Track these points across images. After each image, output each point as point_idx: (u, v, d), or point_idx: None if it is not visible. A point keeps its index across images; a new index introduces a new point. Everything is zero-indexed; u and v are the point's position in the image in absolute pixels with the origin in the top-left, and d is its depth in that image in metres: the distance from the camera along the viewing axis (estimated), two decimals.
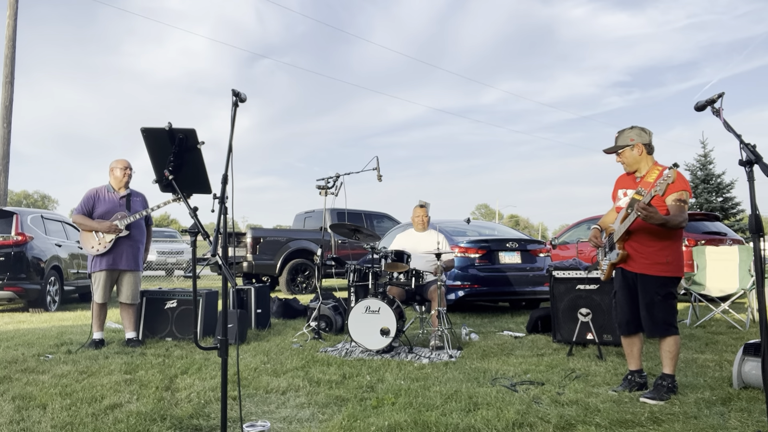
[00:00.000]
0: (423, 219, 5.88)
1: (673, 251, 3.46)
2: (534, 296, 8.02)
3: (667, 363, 3.46)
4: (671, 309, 3.47)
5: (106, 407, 3.18)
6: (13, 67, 13.04)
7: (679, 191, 3.35)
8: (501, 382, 3.78)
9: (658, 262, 3.44)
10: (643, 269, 3.49)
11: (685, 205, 3.37)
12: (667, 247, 3.44)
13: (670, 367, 3.45)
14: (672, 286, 3.48)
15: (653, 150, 3.54)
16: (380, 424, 2.89)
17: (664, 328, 3.45)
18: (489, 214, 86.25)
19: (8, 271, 7.79)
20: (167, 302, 5.60)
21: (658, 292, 3.44)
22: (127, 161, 5.36)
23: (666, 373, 3.45)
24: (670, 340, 3.45)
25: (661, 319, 3.45)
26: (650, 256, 3.45)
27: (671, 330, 3.45)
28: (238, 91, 2.62)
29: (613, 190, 3.78)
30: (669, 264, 3.44)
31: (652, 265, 3.45)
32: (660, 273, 3.44)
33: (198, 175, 2.76)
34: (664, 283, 3.45)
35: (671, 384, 3.42)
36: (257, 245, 10.81)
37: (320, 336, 5.61)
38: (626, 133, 3.56)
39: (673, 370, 3.45)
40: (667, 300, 3.45)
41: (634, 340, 3.65)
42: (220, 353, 2.47)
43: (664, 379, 3.43)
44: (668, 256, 3.43)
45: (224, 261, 2.44)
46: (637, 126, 3.56)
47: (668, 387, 3.40)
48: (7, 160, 12.89)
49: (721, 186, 22.05)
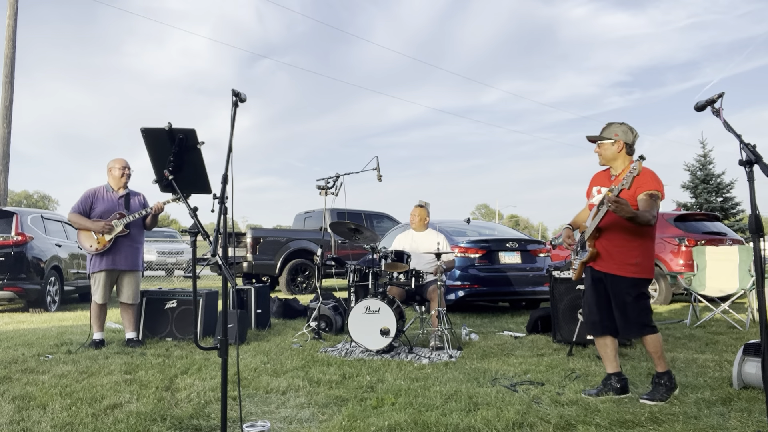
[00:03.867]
0: (420, 219, 5.87)
1: (643, 252, 3.37)
2: (534, 296, 8.02)
3: (656, 361, 3.40)
4: (644, 309, 3.39)
5: (106, 407, 3.18)
6: (13, 67, 13.04)
7: (650, 189, 3.28)
8: (501, 382, 3.78)
9: (628, 262, 3.36)
10: (611, 269, 3.41)
11: (654, 201, 3.28)
12: (638, 247, 3.35)
13: (660, 365, 3.39)
14: (643, 287, 3.40)
15: (633, 152, 3.48)
16: (380, 424, 2.89)
17: (638, 328, 3.39)
18: (489, 214, 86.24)
19: (8, 271, 7.79)
20: (167, 302, 5.59)
21: (629, 293, 3.37)
22: (125, 161, 5.35)
23: (659, 372, 3.39)
24: (648, 340, 3.38)
25: (634, 319, 3.38)
26: (619, 256, 3.38)
27: (646, 329, 3.37)
28: (238, 91, 2.62)
29: (588, 187, 3.71)
30: (638, 265, 3.35)
31: (621, 266, 3.38)
32: (629, 274, 3.36)
33: (198, 175, 2.76)
34: (635, 284, 3.37)
35: (668, 382, 3.35)
36: (257, 245, 10.81)
37: (320, 336, 5.61)
38: (613, 127, 3.47)
39: (665, 367, 3.39)
40: (639, 300, 3.37)
41: (605, 341, 3.54)
42: (220, 353, 2.47)
43: (659, 377, 3.37)
44: (638, 257, 3.35)
45: (224, 261, 2.44)
46: (626, 124, 3.48)
47: (666, 385, 3.34)
48: (7, 160, 12.90)
49: (721, 186, 22.03)
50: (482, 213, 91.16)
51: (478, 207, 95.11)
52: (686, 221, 9.42)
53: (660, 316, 7.29)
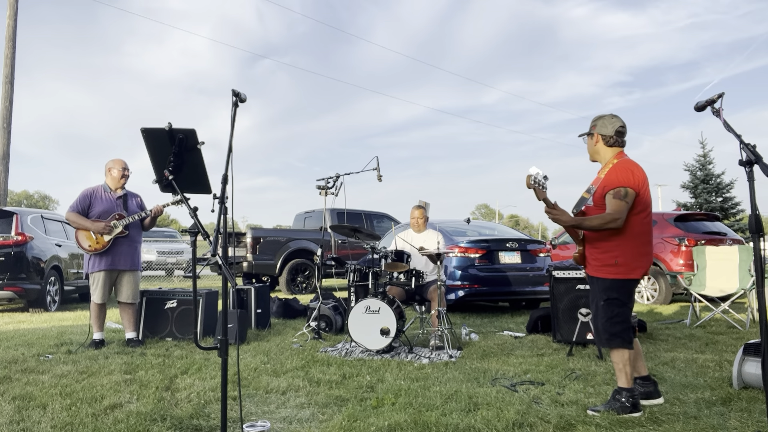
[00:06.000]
0: (419, 220, 5.88)
1: (623, 251, 3.08)
2: (534, 296, 8.02)
3: (617, 374, 3.13)
4: (615, 317, 3.09)
5: (106, 407, 3.18)
6: (13, 67, 13.04)
7: (614, 187, 3.05)
8: (501, 383, 3.78)
9: (606, 263, 3.12)
10: (592, 271, 3.22)
11: (618, 199, 3.02)
12: (616, 247, 3.09)
13: (621, 380, 3.09)
14: (617, 291, 3.10)
15: (617, 143, 3.21)
16: (380, 424, 2.88)
17: (604, 338, 3.12)
18: (489, 214, 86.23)
19: (8, 271, 7.79)
20: (167, 302, 5.59)
21: (600, 296, 3.14)
22: (125, 162, 5.35)
23: (620, 386, 3.09)
24: (613, 352, 3.12)
25: (601, 326, 3.13)
26: (598, 257, 3.17)
27: (613, 341, 3.08)
28: (238, 92, 2.62)
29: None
30: (617, 266, 3.09)
31: (600, 267, 3.16)
32: (606, 275, 3.12)
33: (198, 175, 2.76)
34: (608, 287, 3.11)
35: (627, 398, 3.03)
36: (257, 245, 10.80)
37: (320, 336, 5.61)
38: (595, 120, 3.28)
39: (626, 384, 3.07)
40: (609, 306, 3.10)
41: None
42: (220, 353, 2.47)
43: (618, 392, 3.09)
44: (617, 257, 3.08)
45: (224, 261, 2.44)
46: (610, 115, 3.25)
47: (622, 403, 3.03)
48: (7, 160, 12.89)
49: (721, 186, 22.05)
50: (482, 213, 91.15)
51: (478, 207, 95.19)
52: (686, 221, 9.42)
53: (660, 316, 7.29)
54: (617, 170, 3.11)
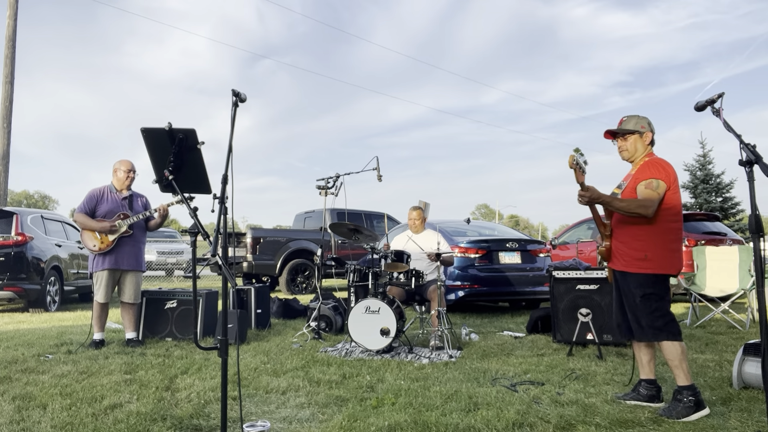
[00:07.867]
0: (416, 222, 5.88)
1: (652, 245, 3.12)
2: (534, 296, 8.02)
3: (674, 372, 3.10)
4: (656, 311, 3.12)
5: (106, 407, 3.18)
6: (13, 67, 13.04)
7: (647, 179, 3.12)
8: (501, 382, 3.78)
9: (637, 258, 3.15)
10: (622, 266, 3.24)
11: (650, 191, 3.08)
12: (645, 241, 3.13)
13: (679, 377, 3.06)
14: (653, 286, 3.13)
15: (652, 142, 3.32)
16: (380, 424, 2.88)
17: (651, 332, 3.12)
18: (489, 214, 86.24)
19: (8, 271, 7.79)
20: (167, 302, 5.60)
21: (635, 291, 3.16)
22: (131, 163, 5.37)
23: (680, 385, 3.06)
24: (663, 347, 3.11)
25: (645, 323, 3.14)
26: (628, 252, 3.19)
27: (661, 335, 3.09)
28: (238, 91, 2.62)
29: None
30: (648, 260, 3.12)
31: (630, 262, 3.18)
32: (638, 270, 3.15)
33: (198, 175, 2.76)
34: (643, 282, 3.13)
35: (690, 397, 2.99)
36: (257, 245, 10.80)
37: (320, 336, 5.61)
38: (639, 119, 3.29)
39: (686, 381, 3.04)
40: (648, 301, 3.13)
41: (637, 344, 3.35)
42: (220, 353, 2.48)
43: (679, 392, 3.05)
44: (647, 251, 3.12)
45: (224, 261, 2.44)
46: (647, 117, 3.31)
47: (686, 403, 2.98)
48: (7, 160, 12.90)
49: (721, 186, 22.06)
50: (482, 213, 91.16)
51: (478, 207, 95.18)
52: (686, 221, 9.41)
53: None
54: (650, 165, 3.19)
